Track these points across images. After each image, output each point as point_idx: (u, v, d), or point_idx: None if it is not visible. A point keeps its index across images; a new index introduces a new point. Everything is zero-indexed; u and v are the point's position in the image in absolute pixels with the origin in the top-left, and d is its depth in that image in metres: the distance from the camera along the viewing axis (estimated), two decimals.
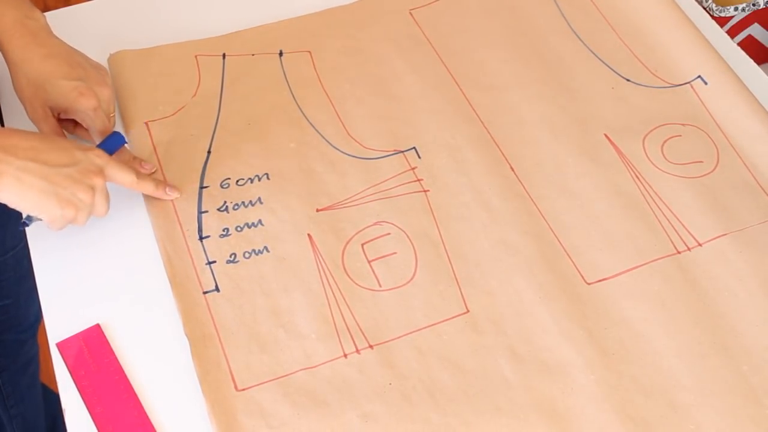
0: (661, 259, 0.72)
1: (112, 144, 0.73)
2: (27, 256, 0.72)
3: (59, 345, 0.66)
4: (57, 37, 0.73)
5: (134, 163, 0.74)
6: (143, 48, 0.85)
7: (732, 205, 0.76)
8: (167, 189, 0.73)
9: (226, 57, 0.85)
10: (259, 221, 0.73)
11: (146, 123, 0.79)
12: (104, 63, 0.83)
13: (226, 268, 0.70)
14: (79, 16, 0.89)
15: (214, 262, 0.71)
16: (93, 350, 0.66)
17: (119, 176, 0.69)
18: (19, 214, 0.68)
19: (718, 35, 0.89)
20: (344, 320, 0.68)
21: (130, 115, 0.79)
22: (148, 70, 0.83)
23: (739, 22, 1.21)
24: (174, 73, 0.83)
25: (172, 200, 0.74)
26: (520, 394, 0.64)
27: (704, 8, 1.01)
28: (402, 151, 0.78)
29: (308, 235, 0.73)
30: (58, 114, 0.73)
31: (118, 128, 0.78)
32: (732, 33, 1.23)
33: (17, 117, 0.80)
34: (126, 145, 0.75)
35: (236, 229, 0.73)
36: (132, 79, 0.82)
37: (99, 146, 0.72)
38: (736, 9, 1.17)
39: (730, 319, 0.69)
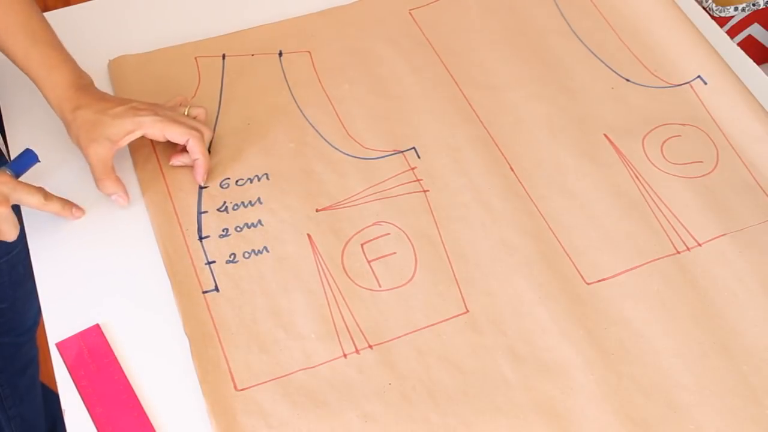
0: (661, 259, 0.72)
1: (25, 162, 0.73)
2: (23, 261, 0.72)
3: (59, 345, 0.66)
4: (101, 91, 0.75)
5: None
6: (143, 52, 0.85)
7: (732, 205, 0.75)
8: (73, 209, 0.73)
9: (226, 57, 0.85)
10: (259, 221, 0.73)
11: None
12: (104, 64, 0.83)
13: (226, 268, 0.70)
14: (79, 16, 0.89)
15: (214, 262, 0.71)
16: (92, 350, 0.66)
17: (26, 199, 0.69)
18: None
19: (717, 35, 0.89)
20: (344, 320, 0.68)
21: None
22: (148, 74, 0.83)
23: (739, 22, 1.21)
24: (174, 76, 0.83)
25: (172, 200, 0.74)
26: (520, 394, 0.64)
27: (704, 8, 1.01)
28: (401, 151, 0.78)
29: (308, 235, 0.72)
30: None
31: None
32: (732, 33, 1.23)
33: (17, 117, 0.80)
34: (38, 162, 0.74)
35: (236, 229, 0.73)
36: (133, 84, 0.82)
37: (10, 165, 0.72)
38: (736, 9, 1.17)
39: (730, 319, 0.69)
